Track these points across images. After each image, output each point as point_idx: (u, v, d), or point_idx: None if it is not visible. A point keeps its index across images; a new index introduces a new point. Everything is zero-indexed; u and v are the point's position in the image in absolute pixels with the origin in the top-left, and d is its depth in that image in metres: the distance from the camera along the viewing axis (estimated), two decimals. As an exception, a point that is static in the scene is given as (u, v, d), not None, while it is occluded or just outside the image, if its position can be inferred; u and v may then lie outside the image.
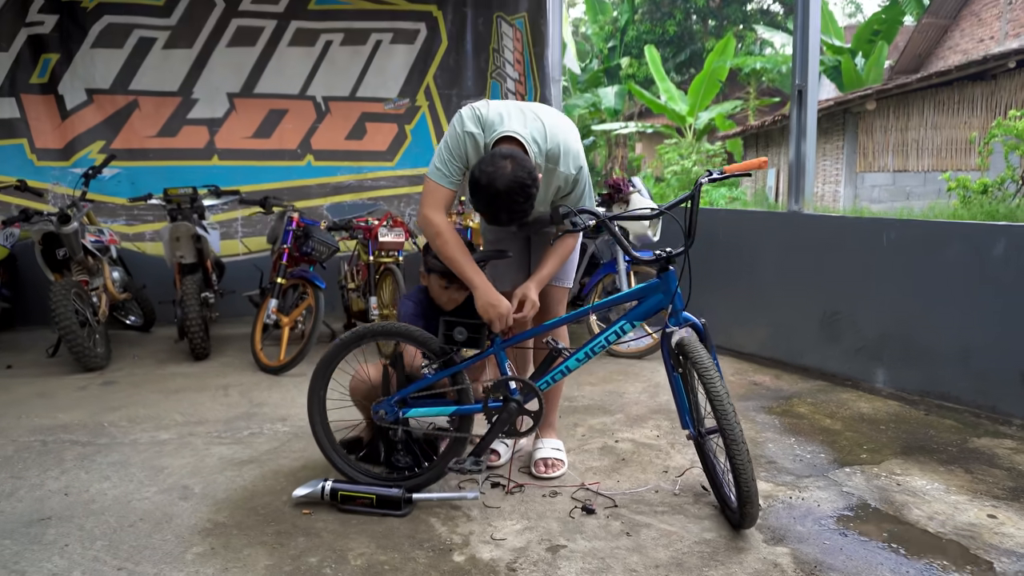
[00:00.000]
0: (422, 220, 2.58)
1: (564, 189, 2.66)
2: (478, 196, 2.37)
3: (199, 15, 6.24)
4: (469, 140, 2.53)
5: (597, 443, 3.21)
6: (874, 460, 2.98)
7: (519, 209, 2.38)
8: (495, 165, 2.33)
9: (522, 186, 2.33)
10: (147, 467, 2.97)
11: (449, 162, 2.55)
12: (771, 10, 25.09)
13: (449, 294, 2.81)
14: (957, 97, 11.54)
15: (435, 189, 2.57)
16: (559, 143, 2.58)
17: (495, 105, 2.58)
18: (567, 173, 2.61)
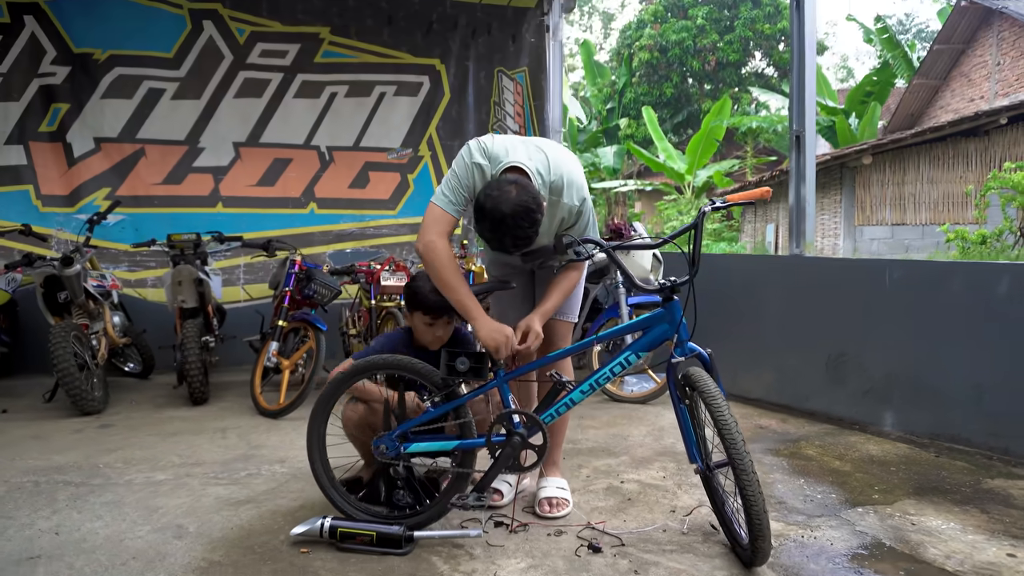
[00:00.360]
0: (423, 244, 2.55)
1: (568, 221, 2.67)
2: (483, 220, 2.37)
3: (208, 67, 6.38)
4: (477, 171, 2.55)
5: (602, 484, 3.13)
6: (886, 500, 2.91)
7: (523, 235, 2.37)
8: (500, 190, 2.35)
9: (527, 210, 2.33)
10: (141, 507, 2.89)
11: (456, 190, 2.56)
12: (765, 73, 25.72)
13: (433, 332, 2.74)
14: (952, 152, 11.73)
15: (440, 215, 2.57)
16: (563, 175, 2.60)
17: (500, 139, 2.61)
18: (571, 205, 2.62)
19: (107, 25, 6.10)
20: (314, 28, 6.63)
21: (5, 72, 5.87)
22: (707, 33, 23.80)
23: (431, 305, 2.67)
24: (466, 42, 7.08)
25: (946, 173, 11.74)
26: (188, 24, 6.32)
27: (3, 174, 5.89)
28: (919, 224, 11.78)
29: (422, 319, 2.73)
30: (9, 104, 5.90)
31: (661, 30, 23.98)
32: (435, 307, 2.66)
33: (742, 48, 24.06)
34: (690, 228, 2.46)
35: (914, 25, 36.73)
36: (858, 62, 39.58)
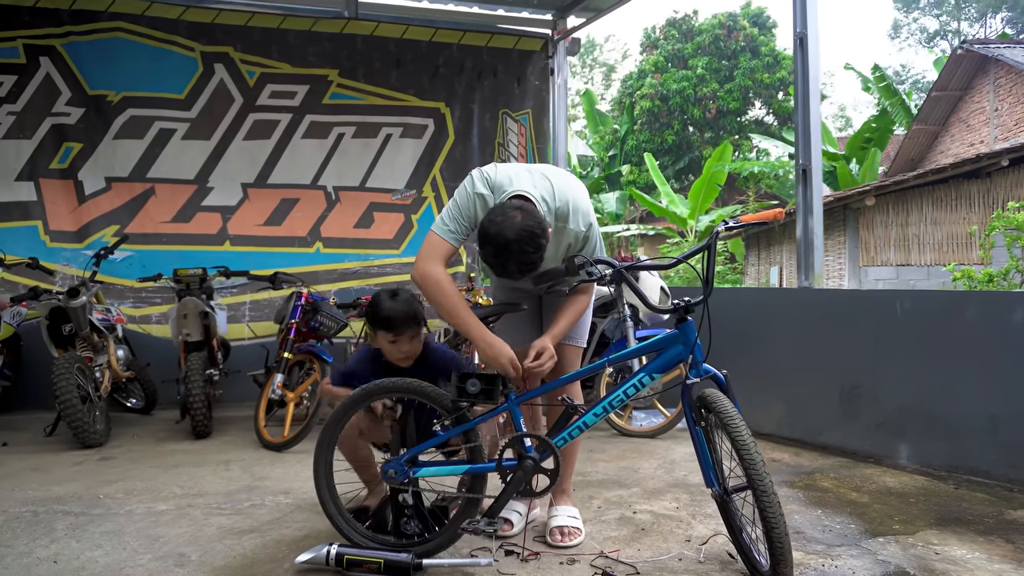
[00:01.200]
0: (420, 272, 2.52)
1: (575, 247, 2.65)
2: (487, 246, 2.35)
3: (218, 109, 6.46)
4: (479, 201, 2.53)
5: (614, 514, 3.06)
6: (908, 531, 2.83)
7: (528, 260, 2.34)
8: (504, 215, 2.33)
9: (531, 235, 2.31)
10: (142, 536, 2.82)
11: (457, 220, 2.55)
12: (765, 121, 26.09)
13: (399, 348, 2.67)
14: (954, 194, 11.80)
15: (439, 243, 2.55)
16: (568, 201, 2.59)
17: (503, 168, 2.61)
18: (577, 230, 2.61)
19: (121, 67, 6.20)
20: (323, 70, 6.74)
21: (19, 111, 5.96)
22: (707, 82, 24.23)
23: (390, 322, 2.62)
24: (472, 85, 7.18)
25: (949, 214, 11.80)
26: (200, 66, 6.43)
27: (12, 210, 5.93)
28: (924, 265, 11.79)
29: (385, 337, 2.67)
30: (21, 141, 5.97)
31: (662, 79, 24.41)
32: (394, 324, 2.62)
33: (742, 97, 24.45)
34: (703, 249, 2.45)
35: (909, 76, 37.41)
36: (856, 111, 40.16)
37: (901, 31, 40.95)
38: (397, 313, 2.61)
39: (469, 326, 2.50)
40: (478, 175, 2.58)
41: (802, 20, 4.56)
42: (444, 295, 2.51)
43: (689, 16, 26.27)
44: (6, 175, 5.93)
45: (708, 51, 24.79)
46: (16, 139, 5.95)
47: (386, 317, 2.62)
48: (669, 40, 25.61)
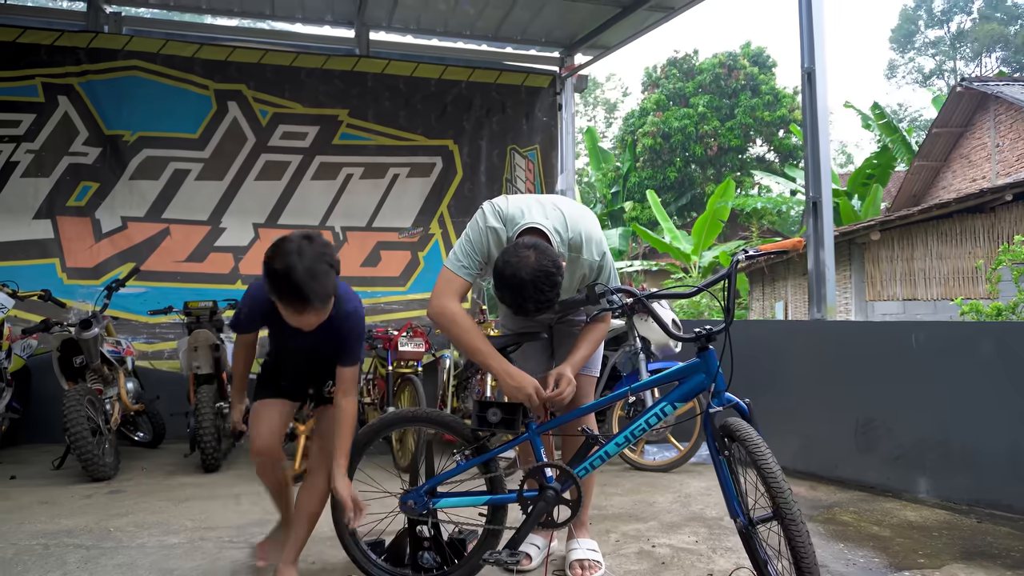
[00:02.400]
0: (436, 309, 2.51)
1: (589, 276, 2.65)
2: (503, 287, 2.33)
3: (231, 149, 6.54)
4: (492, 235, 2.53)
5: (633, 548, 3.01)
6: (934, 564, 2.78)
7: (545, 298, 2.33)
8: (518, 256, 2.32)
9: (547, 274, 2.30)
10: (155, 569, 2.78)
11: (470, 255, 2.55)
12: (767, 158, 26.32)
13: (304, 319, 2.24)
14: (959, 229, 11.85)
15: (452, 279, 2.54)
16: (580, 231, 2.59)
17: (514, 200, 2.61)
18: (591, 260, 2.61)
19: (136, 106, 6.30)
20: (334, 110, 6.83)
21: (37, 149, 6.05)
22: (708, 120, 24.51)
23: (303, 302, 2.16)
24: (480, 121, 7.26)
25: (954, 249, 11.83)
26: (213, 105, 6.52)
27: (31, 248, 6.01)
28: (930, 299, 11.78)
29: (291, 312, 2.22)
30: (40, 180, 6.07)
31: (664, 117, 24.71)
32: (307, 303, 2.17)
33: (743, 134, 24.72)
34: (723, 278, 2.44)
35: (907, 114, 37.85)
36: (857, 148, 40.53)
37: (897, 71, 41.58)
38: (315, 292, 2.15)
39: (489, 359, 2.49)
40: (489, 208, 2.58)
41: (809, 56, 4.63)
42: (462, 330, 2.50)
43: (690, 55, 26.72)
44: (24, 213, 6.01)
45: (709, 89, 25.14)
46: (34, 177, 6.05)
47: (299, 295, 2.14)
48: (670, 79, 25.99)
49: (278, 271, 2.15)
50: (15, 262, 5.89)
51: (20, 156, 6.01)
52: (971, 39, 37.17)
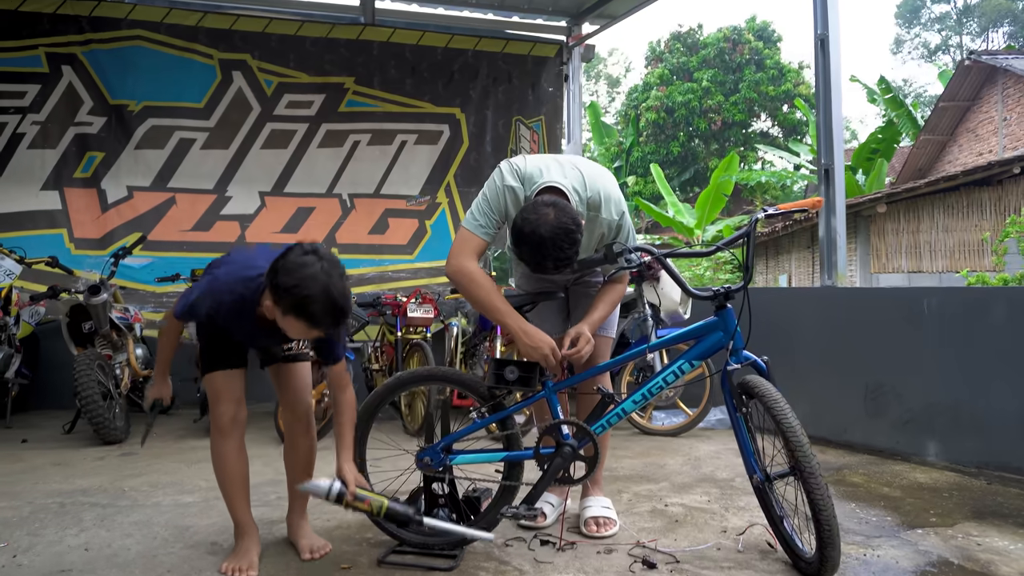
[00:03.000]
0: (453, 268, 2.50)
1: (608, 236, 2.63)
2: (522, 245, 2.31)
3: (237, 118, 6.49)
4: (509, 194, 2.51)
5: (646, 507, 3.03)
6: (945, 523, 2.80)
7: (565, 256, 2.32)
8: (538, 213, 2.30)
9: (567, 232, 2.28)
10: (171, 526, 2.79)
11: (487, 214, 2.53)
12: (770, 133, 26.16)
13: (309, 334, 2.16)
14: (965, 201, 11.80)
15: (469, 238, 2.53)
16: (599, 190, 2.57)
17: (532, 159, 2.59)
18: (610, 219, 2.59)
19: (141, 75, 6.25)
20: (339, 78, 6.76)
21: (43, 120, 6.02)
22: (712, 95, 24.31)
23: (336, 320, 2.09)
24: (486, 91, 7.20)
25: (960, 221, 11.79)
26: (218, 75, 6.46)
27: (39, 218, 6.01)
28: (936, 272, 11.76)
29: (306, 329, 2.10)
30: (46, 151, 6.06)
31: (667, 92, 24.50)
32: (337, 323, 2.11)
33: (747, 109, 24.52)
34: (742, 236, 2.43)
35: (912, 89, 37.57)
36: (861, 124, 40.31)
37: (903, 46, 41.14)
38: (347, 312, 2.12)
39: (507, 317, 2.48)
40: (507, 167, 2.56)
41: (823, 22, 4.57)
42: (480, 288, 2.49)
43: (694, 30, 26.43)
44: (32, 184, 6.01)
45: (713, 64, 24.90)
46: (40, 149, 6.04)
47: (340, 314, 2.08)
48: (674, 53, 25.75)
49: (314, 294, 2.00)
50: (24, 232, 5.90)
51: (26, 128, 6.00)
52: (977, 14, 36.76)
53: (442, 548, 2.48)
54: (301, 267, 2.02)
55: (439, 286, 6.77)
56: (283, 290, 2.02)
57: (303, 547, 2.49)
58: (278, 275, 2.04)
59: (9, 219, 5.94)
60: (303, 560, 2.44)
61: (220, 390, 2.39)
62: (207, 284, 2.28)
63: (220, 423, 2.40)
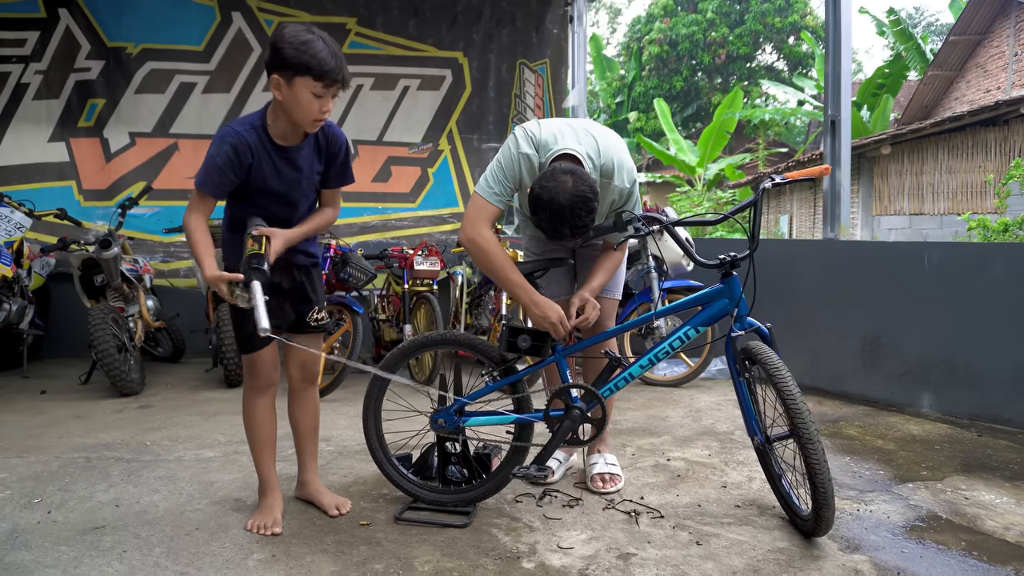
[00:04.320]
0: (467, 236, 2.55)
1: (618, 203, 2.67)
2: (540, 212, 2.35)
3: (237, 60, 6.40)
4: (524, 161, 2.53)
5: (649, 461, 3.15)
6: (935, 477, 2.92)
7: (581, 223, 2.36)
8: (556, 180, 2.33)
9: (584, 200, 2.32)
10: (196, 482, 2.92)
11: (502, 182, 2.56)
12: (776, 67, 25.67)
13: (322, 105, 2.20)
14: (970, 142, 11.70)
15: (484, 206, 2.56)
16: (612, 158, 2.60)
17: (547, 125, 2.60)
18: (622, 187, 2.63)
19: (138, 17, 6.14)
20: (341, 18, 6.64)
21: (45, 69, 5.96)
22: (717, 27, 23.78)
23: (335, 70, 2.16)
24: (490, 34, 7.07)
25: (964, 163, 11.71)
26: (217, 16, 6.34)
27: (47, 170, 6.03)
28: (937, 214, 11.76)
29: (313, 87, 2.15)
30: (51, 102, 6.03)
31: (671, 24, 23.95)
32: (339, 69, 2.17)
33: (752, 42, 24.02)
34: (749, 205, 2.48)
35: (923, 19, 36.62)
36: (868, 55, 39.42)
37: (916, -28, 39.90)
38: (340, 59, 2.19)
39: (518, 289, 2.54)
40: (522, 134, 2.57)
41: (834, -34, 4.48)
42: (492, 257, 2.54)
43: (700, -43, 25.63)
44: (40, 135, 6.02)
45: (719, -6, 24.27)
46: (45, 99, 6.02)
47: (342, 57, 2.19)
48: (679, -18, 25.05)
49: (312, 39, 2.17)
50: (34, 184, 5.94)
51: (30, 78, 5.96)
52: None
53: (455, 505, 2.60)
54: (293, 32, 2.16)
55: (441, 234, 6.80)
56: (286, 48, 2.11)
57: (327, 504, 2.60)
58: (276, 48, 2.14)
59: (21, 171, 5.97)
60: (331, 516, 2.55)
61: (257, 361, 2.47)
62: (216, 139, 2.26)
63: (257, 383, 2.50)
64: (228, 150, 2.22)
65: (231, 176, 2.27)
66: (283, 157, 2.32)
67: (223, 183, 2.28)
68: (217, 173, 2.25)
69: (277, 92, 2.19)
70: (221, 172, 2.25)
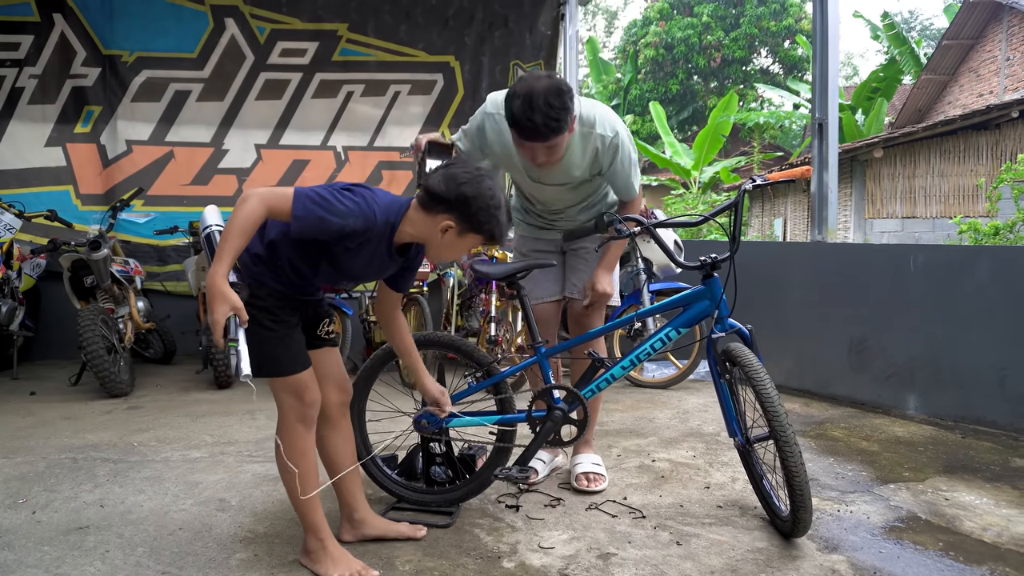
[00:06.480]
0: None
1: (603, 155, 2.62)
2: (515, 100, 2.34)
3: (230, 68, 6.42)
4: (488, 121, 2.64)
5: (634, 462, 3.17)
6: (917, 478, 2.94)
7: (554, 116, 2.32)
8: (533, 76, 2.40)
9: (558, 90, 2.33)
10: (181, 482, 2.93)
11: (469, 133, 2.76)
12: (771, 70, 25.73)
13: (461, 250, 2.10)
14: (962, 146, 11.75)
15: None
16: (592, 109, 2.63)
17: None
18: (603, 135, 2.59)
19: (132, 23, 6.15)
20: (332, 25, 6.65)
21: (40, 74, 5.98)
22: (712, 30, 23.84)
23: (503, 238, 2.11)
24: (482, 36, 7.08)
25: (957, 166, 11.76)
26: (210, 22, 6.36)
27: (45, 175, 6.04)
28: (929, 217, 11.80)
29: (474, 243, 2.07)
30: (46, 106, 6.04)
31: (667, 27, 24.00)
32: (503, 239, 2.12)
33: (747, 45, 24.08)
34: (731, 206, 2.49)
35: (918, 22, 36.76)
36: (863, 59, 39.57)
37: (910, -24, 40.05)
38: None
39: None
40: (491, 97, 2.68)
41: (821, -32, 4.50)
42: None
43: (696, -39, 25.68)
44: (37, 140, 6.03)
45: (714, -2, 24.34)
46: (41, 104, 6.03)
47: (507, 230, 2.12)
48: (675, -14, 25.10)
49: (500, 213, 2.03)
50: (33, 189, 5.95)
51: (25, 82, 5.97)
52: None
53: (439, 506, 2.62)
54: (491, 190, 2.00)
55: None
56: (480, 210, 1.97)
57: (407, 532, 2.39)
58: (470, 202, 1.96)
59: (17, 175, 5.98)
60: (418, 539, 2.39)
61: (306, 381, 2.11)
62: (355, 199, 1.97)
63: (308, 411, 2.12)
64: (353, 225, 1.94)
65: (326, 237, 1.95)
66: (384, 259, 2.09)
67: (312, 234, 1.94)
68: (321, 224, 1.91)
69: (441, 233, 2.00)
70: (323, 228, 1.92)
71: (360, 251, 2.02)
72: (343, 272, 2.12)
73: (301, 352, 2.13)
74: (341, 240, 1.97)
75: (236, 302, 1.81)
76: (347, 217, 1.92)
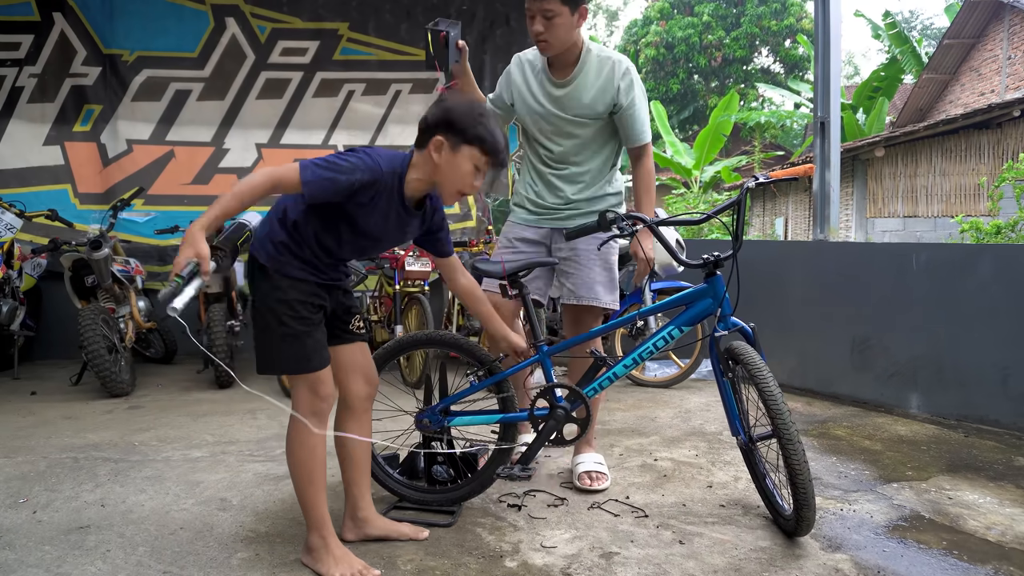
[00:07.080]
0: None
1: (618, 79, 2.73)
2: None
3: (231, 67, 6.41)
4: (515, 62, 2.94)
5: (636, 461, 3.16)
6: (921, 477, 2.93)
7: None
8: None
9: None
10: (182, 482, 2.92)
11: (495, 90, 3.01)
12: (771, 70, 25.71)
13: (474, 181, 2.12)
14: (964, 145, 11.73)
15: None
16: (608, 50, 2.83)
17: None
18: (619, 60, 2.76)
19: (133, 23, 6.15)
20: (333, 24, 6.64)
21: (39, 73, 5.98)
22: (713, 29, 23.82)
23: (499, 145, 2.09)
24: (483, 35, 7.07)
25: (958, 165, 11.74)
26: (211, 21, 6.35)
27: (43, 173, 6.02)
28: (931, 216, 11.79)
29: (475, 159, 2.09)
30: (46, 105, 6.03)
31: (667, 26, 23.99)
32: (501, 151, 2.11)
33: (748, 44, 24.06)
34: (733, 204, 2.48)
35: (919, 22, 36.73)
36: (864, 59, 39.55)
37: (912, -25, 40.00)
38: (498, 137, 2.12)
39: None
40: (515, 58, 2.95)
41: (823, -31, 4.50)
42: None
43: (696, -40, 25.66)
44: (35, 139, 6.01)
45: (715, -3, 24.33)
46: (40, 103, 6.02)
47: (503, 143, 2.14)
48: (675, -14, 25.09)
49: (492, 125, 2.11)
50: (31, 188, 5.94)
51: (24, 81, 5.97)
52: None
53: (441, 505, 2.61)
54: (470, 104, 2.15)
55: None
56: (462, 116, 2.07)
57: (409, 533, 2.37)
58: (452, 112, 2.07)
59: (17, 175, 5.97)
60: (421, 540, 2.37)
61: (322, 376, 2.12)
62: (358, 156, 2.04)
63: (323, 406, 2.13)
64: (360, 178, 2.00)
65: (338, 198, 2.01)
66: (400, 214, 2.12)
67: (325, 196, 1.99)
68: (331, 186, 1.96)
69: (436, 154, 2.05)
70: (334, 189, 1.97)
71: (374, 207, 2.07)
72: (364, 234, 2.13)
73: (318, 350, 2.11)
74: (353, 196, 2.02)
75: (202, 251, 1.87)
76: (353, 172, 1.99)
